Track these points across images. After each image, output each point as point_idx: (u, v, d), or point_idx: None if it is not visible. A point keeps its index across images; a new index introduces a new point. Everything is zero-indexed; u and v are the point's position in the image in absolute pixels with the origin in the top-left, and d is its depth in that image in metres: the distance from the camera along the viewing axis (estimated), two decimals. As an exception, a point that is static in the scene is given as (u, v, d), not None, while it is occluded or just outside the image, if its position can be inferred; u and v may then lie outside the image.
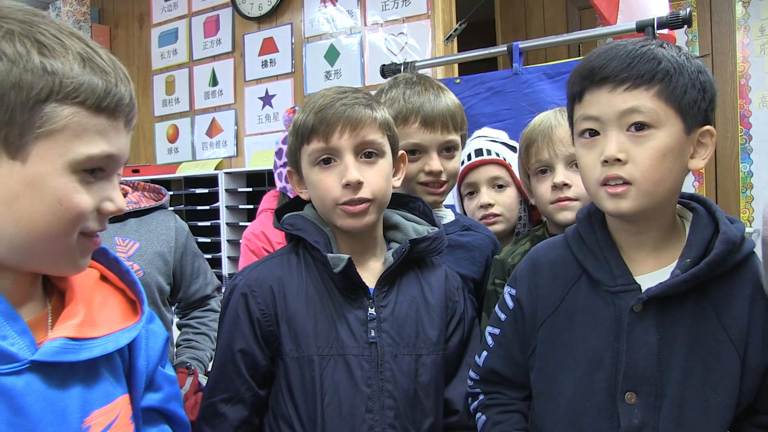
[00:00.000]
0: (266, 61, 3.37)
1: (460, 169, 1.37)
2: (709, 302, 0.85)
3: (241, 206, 3.28)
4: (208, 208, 3.32)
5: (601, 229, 0.92)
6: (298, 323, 0.99)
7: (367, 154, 1.01)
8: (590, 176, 0.87)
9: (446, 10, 2.83)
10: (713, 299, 0.85)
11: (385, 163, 1.03)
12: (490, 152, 1.43)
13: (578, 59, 0.92)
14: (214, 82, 3.61)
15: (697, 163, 0.87)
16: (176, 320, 1.65)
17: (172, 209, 1.59)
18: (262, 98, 3.39)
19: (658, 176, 0.82)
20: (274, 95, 3.35)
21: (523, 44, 1.97)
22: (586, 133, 0.87)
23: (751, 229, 3.03)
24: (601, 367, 0.87)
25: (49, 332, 0.67)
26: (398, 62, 2.23)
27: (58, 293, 0.73)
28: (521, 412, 1.00)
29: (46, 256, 0.66)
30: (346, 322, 0.99)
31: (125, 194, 1.44)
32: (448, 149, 1.27)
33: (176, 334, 1.61)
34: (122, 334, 0.72)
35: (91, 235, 0.69)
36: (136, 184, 1.54)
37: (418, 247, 1.05)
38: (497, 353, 1.01)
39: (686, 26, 1.69)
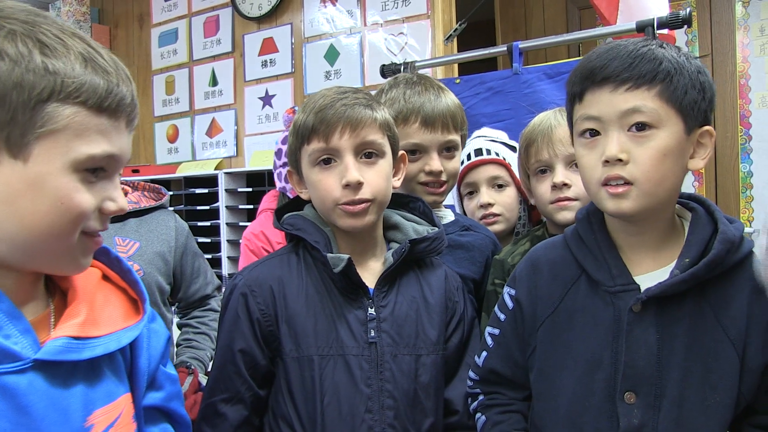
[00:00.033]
0: (266, 61, 3.37)
1: (460, 169, 1.37)
2: (708, 302, 0.85)
3: (241, 206, 3.28)
4: (208, 208, 3.32)
5: (600, 229, 0.93)
6: (297, 323, 0.99)
7: (367, 154, 1.01)
8: (591, 176, 0.87)
9: (446, 10, 2.83)
10: (712, 299, 0.85)
11: (385, 163, 1.03)
12: (489, 152, 1.43)
13: (578, 59, 0.92)
14: (214, 82, 3.60)
15: (696, 163, 0.87)
16: (176, 320, 1.65)
17: (172, 209, 1.59)
18: (262, 98, 3.39)
19: (659, 176, 0.83)
20: (274, 95, 3.35)
21: (523, 44, 1.97)
22: (586, 133, 0.87)
23: (750, 229, 3.03)
24: (600, 367, 0.87)
25: (51, 331, 0.68)
26: (398, 62, 2.23)
27: (60, 292, 0.73)
28: (521, 412, 1.00)
29: (47, 255, 0.66)
30: (345, 322, 1.00)
31: (125, 194, 1.44)
32: (448, 149, 1.27)
33: (176, 333, 1.61)
34: (124, 333, 0.72)
35: (92, 234, 0.69)
36: (136, 183, 1.54)
37: (418, 247, 1.05)
38: (497, 353, 1.01)
39: (686, 26, 1.69)
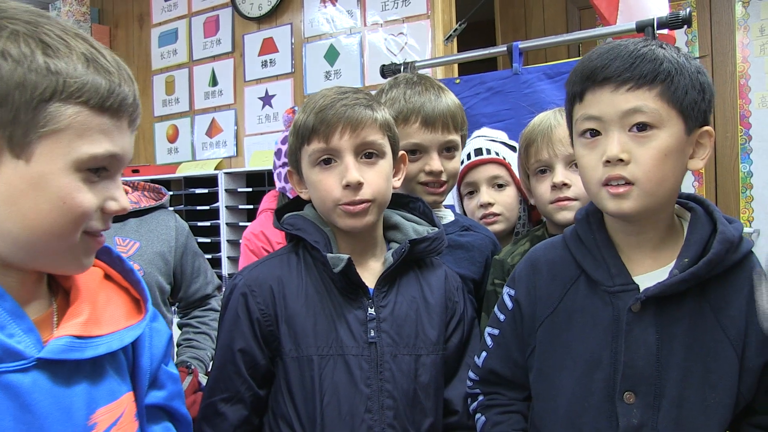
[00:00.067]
0: (266, 61, 3.37)
1: (460, 169, 1.37)
2: (707, 302, 0.85)
3: (240, 206, 3.28)
4: (207, 208, 3.32)
5: (599, 229, 0.93)
6: (297, 323, 0.99)
7: (367, 154, 1.01)
8: (591, 176, 0.87)
9: (446, 10, 2.83)
10: (711, 299, 0.85)
11: (385, 163, 1.03)
12: (489, 151, 1.43)
13: (578, 59, 0.92)
14: (213, 82, 3.60)
15: (696, 163, 0.87)
16: (177, 320, 1.65)
17: (172, 209, 1.60)
18: (261, 98, 3.39)
19: (660, 176, 0.83)
20: (273, 95, 3.35)
21: (522, 44, 1.97)
22: (587, 133, 0.87)
23: (749, 229, 3.03)
24: (599, 367, 0.87)
25: (54, 330, 0.68)
26: (398, 62, 2.23)
27: (63, 292, 0.73)
28: (521, 412, 1.00)
29: (50, 254, 0.66)
30: (345, 322, 1.00)
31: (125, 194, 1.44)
32: (448, 149, 1.27)
33: (176, 333, 1.61)
34: (126, 332, 0.73)
35: (94, 234, 0.69)
36: (136, 183, 1.54)
37: (417, 247, 1.05)
38: (496, 354, 1.01)
39: (686, 26, 1.69)
